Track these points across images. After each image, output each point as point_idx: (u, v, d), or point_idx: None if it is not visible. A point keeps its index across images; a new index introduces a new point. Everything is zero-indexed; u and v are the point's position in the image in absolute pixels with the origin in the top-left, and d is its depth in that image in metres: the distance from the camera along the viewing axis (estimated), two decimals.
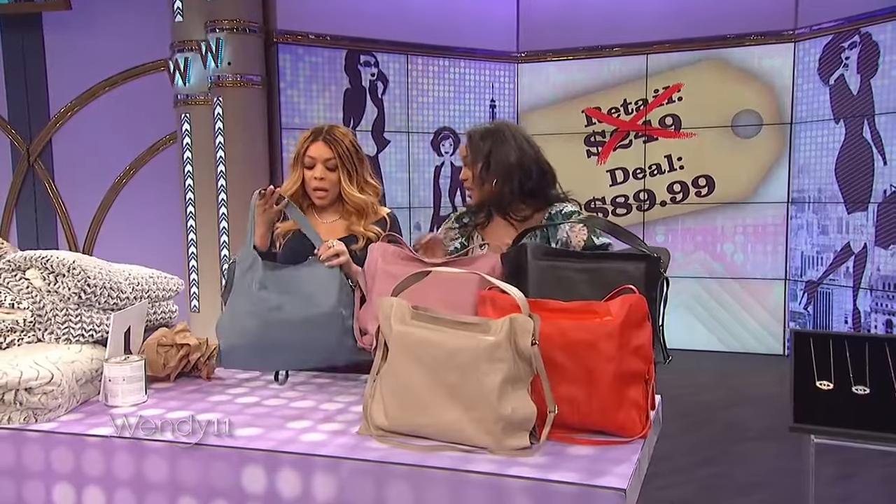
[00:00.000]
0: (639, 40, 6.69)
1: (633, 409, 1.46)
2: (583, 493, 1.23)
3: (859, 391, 1.22)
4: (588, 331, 1.46)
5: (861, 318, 6.02)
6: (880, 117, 5.82)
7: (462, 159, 2.27)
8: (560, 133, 6.81)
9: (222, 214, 5.87)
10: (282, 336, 1.89)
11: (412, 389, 1.46)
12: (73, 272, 1.84)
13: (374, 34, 6.31)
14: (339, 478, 1.38)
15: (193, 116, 6.06)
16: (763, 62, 6.48)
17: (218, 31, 5.83)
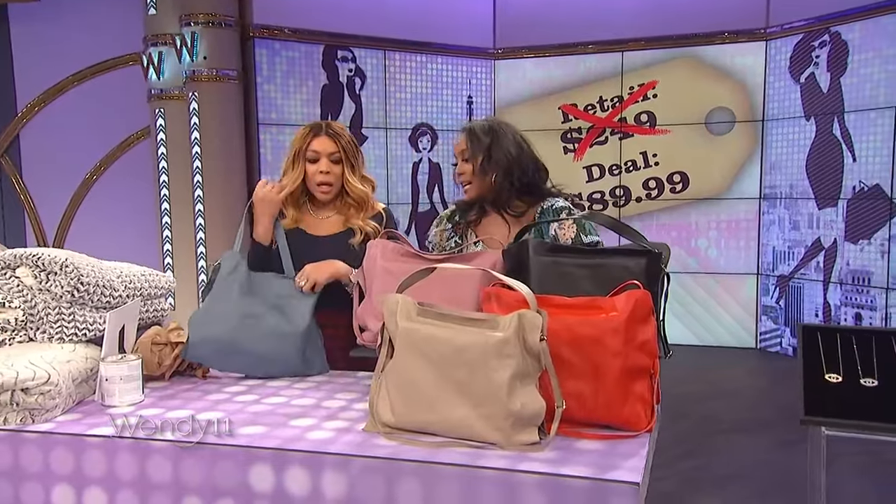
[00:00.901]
0: (614, 37, 6.75)
1: (638, 404, 1.48)
2: (596, 487, 1.25)
3: (868, 384, 1.25)
4: (594, 326, 1.48)
5: (831, 312, 6.14)
6: (849, 115, 5.94)
7: (458, 154, 2.28)
8: (536, 130, 6.81)
9: (198, 211, 5.80)
10: (251, 344, 1.94)
11: (419, 386, 1.46)
12: (65, 270, 1.80)
13: (351, 29, 6.27)
14: (349, 475, 1.37)
15: (168, 111, 5.98)
16: (735, 60, 6.57)
17: (193, 24, 5.75)
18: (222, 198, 5.79)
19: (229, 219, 5.80)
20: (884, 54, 5.69)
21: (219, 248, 5.75)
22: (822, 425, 1.19)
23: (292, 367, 1.97)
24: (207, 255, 5.78)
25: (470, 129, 2.25)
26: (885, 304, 5.79)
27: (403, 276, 1.78)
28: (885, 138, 5.73)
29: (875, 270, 5.83)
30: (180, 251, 6.00)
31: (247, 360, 1.95)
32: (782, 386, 5.81)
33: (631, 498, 1.22)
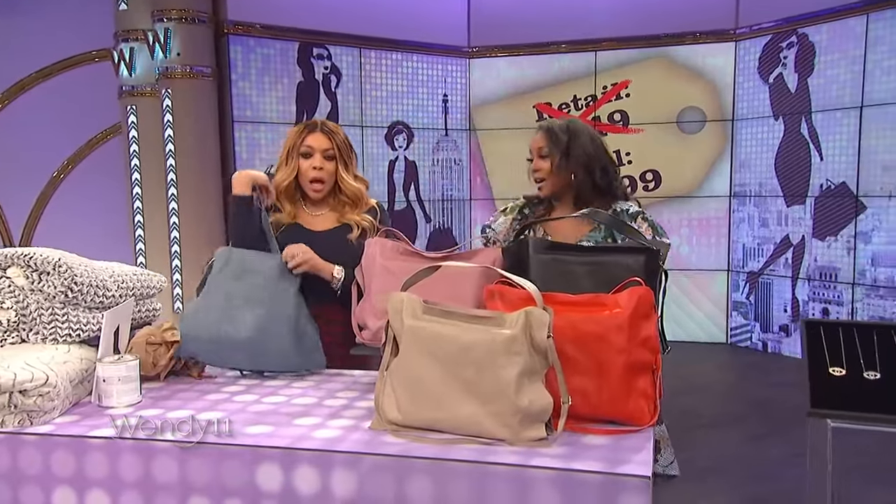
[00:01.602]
0: (587, 37, 6.81)
1: (641, 399, 1.50)
2: (608, 481, 1.26)
3: (870, 376, 1.28)
4: (598, 323, 1.49)
5: (800, 307, 6.27)
6: (816, 115, 6.07)
7: (535, 151, 2.30)
8: (511, 128, 6.87)
9: (172, 209, 5.73)
10: (237, 333, 1.93)
11: (425, 384, 1.47)
12: (59, 270, 1.77)
13: (326, 27, 6.24)
14: (359, 473, 1.37)
15: (140, 108, 5.89)
16: (706, 60, 6.68)
17: (166, 20, 5.67)
18: (197, 196, 5.73)
19: (204, 217, 5.75)
20: (849, 55, 5.83)
21: (193, 246, 5.69)
22: (828, 418, 1.22)
23: (286, 359, 1.94)
24: (182, 254, 5.71)
25: (549, 126, 2.29)
26: (851, 299, 5.93)
27: (403, 275, 1.78)
28: (850, 137, 5.86)
29: (842, 267, 5.97)
30: (153, 250, 5.92)
31: (238, 351, 1.93)
32: (752, 381, 5.93)
33: (642, 491, 1.24)
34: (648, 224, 2.22)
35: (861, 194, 5.80)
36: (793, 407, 5.14)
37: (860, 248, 5.85)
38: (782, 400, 5.35)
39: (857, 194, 5.82)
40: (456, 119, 6.96)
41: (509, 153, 6.96)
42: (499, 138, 7.00)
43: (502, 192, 6.96)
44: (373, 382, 1.86)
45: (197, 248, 5.69)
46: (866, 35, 5.76)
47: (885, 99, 5.64)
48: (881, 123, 5.68)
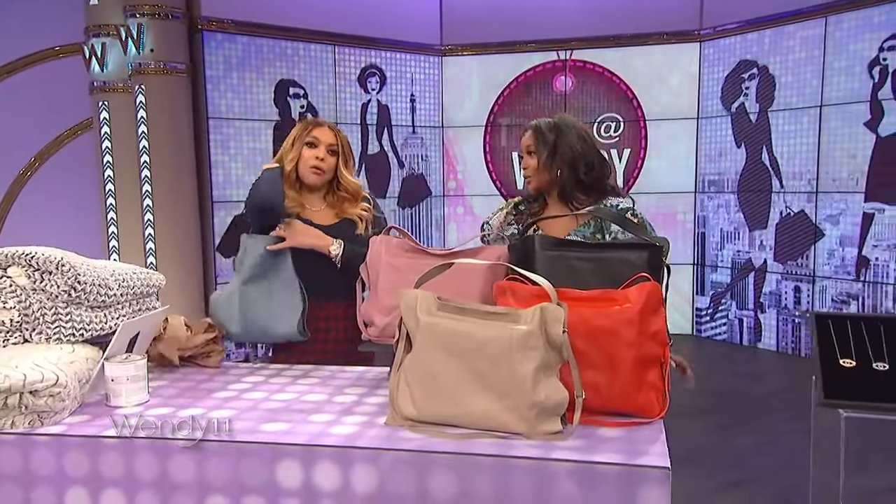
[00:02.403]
0: (555, 37, 6.84)
1: (651, 392, 1.52)
2: (628, 472, 1.28)
3: (880, 367, 1.32)
4: (609, 318, 1.51)
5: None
6: (777, 144, 6.22)
7: (524, 149, 2.32)
8: (483, 126, 6.90)
9: (146, 206, 5.62)
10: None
11: (441, 380, 1.47)
12: (62, 269, 1.73)
13: (300, 23, 6.17)
14: (380, 469, 1.37)
15: (112, 104, 5.77)
16: (672, 60, 6.75)
17: (138, 16, 5.56)
18: (172, 193, 5.63)
19: (180, 214, 5.66)
20: (806, 92, 5.98)
21: (168, 243, 5.60)
22: (840, 408, 1.26)
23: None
24: (157, 252, 5.61)
25: (537, 125, 2.29)
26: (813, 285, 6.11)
27: (409, 272, 1.79)
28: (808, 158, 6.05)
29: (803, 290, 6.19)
30: (127, 248, 5.81)
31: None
32: (717, 371, 6.04)
33: (662, 482, 1.26)
34: (638, 220, 2.23)
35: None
36: (757, 397, 5.27)
37: (819, 271, 6.05)
38: (747, 390, 5.47)
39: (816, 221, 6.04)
40: (428, 116, 6.95)
41: (480, 149, 7.03)
42: (470, 135, 7.03)
43: (473, 187, 6.99)
44: (379, 378, 1.87)
45: (171, 245, 5.60)
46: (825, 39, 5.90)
47: (846, 98, 5.81)
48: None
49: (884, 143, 5.63)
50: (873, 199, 5.71)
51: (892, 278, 5.67)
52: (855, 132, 5.78)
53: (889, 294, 5.72)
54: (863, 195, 5.75)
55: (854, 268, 5.85)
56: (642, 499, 1.27)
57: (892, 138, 5.58)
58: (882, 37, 5.56)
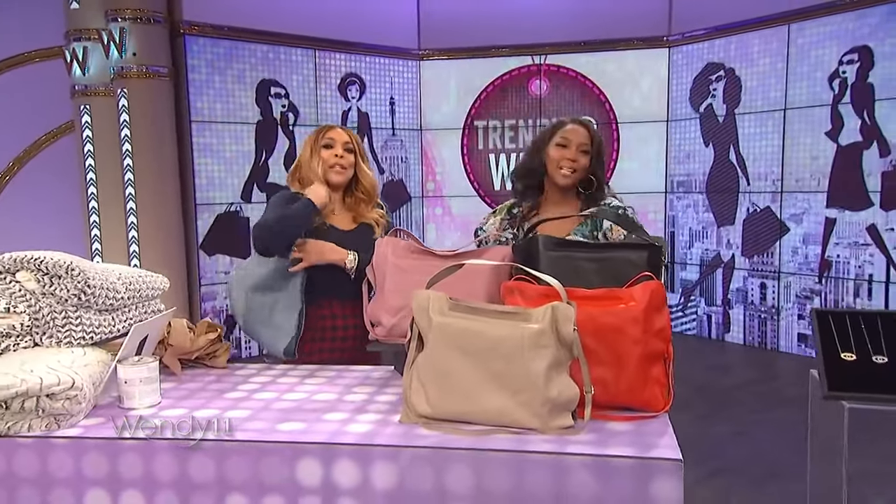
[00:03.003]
0: (529, 42, 6.88)
1: (656, 387, 1.54)
2: (642, 465, 1.30)
3: (879, 360, 1.36)
4: (615, 316, 1.53)
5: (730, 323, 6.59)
6: (744, 143, 6.34)
7: (575, 145, 2.29)
8: (460, 128, 6.92)
9: (130, 209, 5.54)
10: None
11: (455, 378, 1.47)
12: (71, 273, 1.71)
13: (281, 28, 6.13)
14: (399, 465, 1.37)
15: (94, 108, 5.67)
16: (642, 64, 6.83)
17: (120, 20, 5.48)
18: (155, 196, 5.56)
19: (163, 216, 5.60)
20: (771, 95, 6.09)
21: (152, 246, 5.53)
22: (845, 399, 1.29)
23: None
24: (141, 254, 5.53)
25: (588, 122, 2.34)
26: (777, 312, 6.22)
27: (415, 273, 1.79)
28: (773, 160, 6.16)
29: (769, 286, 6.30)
30: (111, 251, 5.71)
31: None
32: (691, 365, 6.13)
33: (675, 473, 1.29)
34: (631, 219, 2.28)
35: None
36: (729, 388, 5.36)
37: (784, 267, 6.18)
38: (719, 382, 5.56)
39: (781, 218, 6.15)
40: (407, 119, 6.94)
41: (458, 151, 7.04)
42: (448, 137, 7.04)
43: (452, 188, 7.00)
44: (385, 377, 1.87)
45: (155, 247, 5.53)
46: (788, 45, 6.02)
47: (809, 101, 5.93)
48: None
49: (844, 151, 5.77)
50: (835, 205, 5.85)
51: (853, 274, 5.80)
52: (817, 135, 5.90)
53: (850, 290, 5.85)
54: (825, 194, 5.87)
55: (817, 265, 5.98)
56: (656, 490, 1.29)
57: (852, 147, 5.71)
58: (841, 49, 5.69)
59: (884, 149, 5.54)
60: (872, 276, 5.67)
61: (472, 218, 6.98)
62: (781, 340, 6.28)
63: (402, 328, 1.78)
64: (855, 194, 5.71)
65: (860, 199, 5.69)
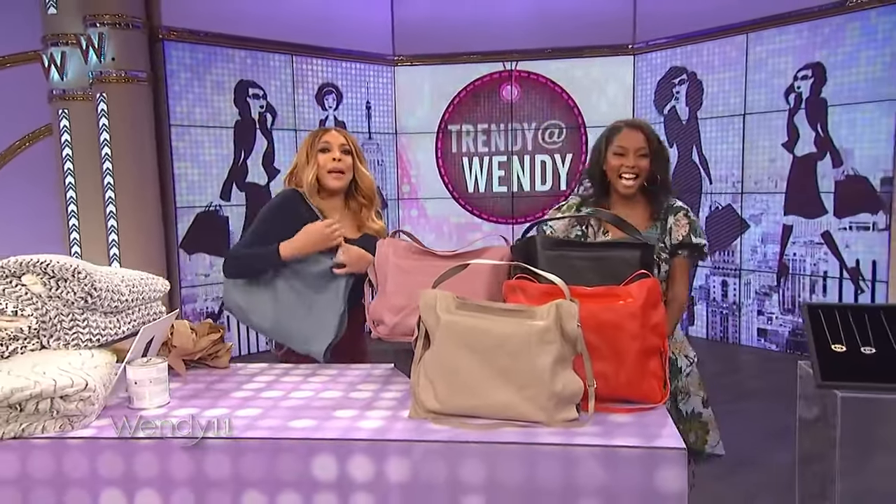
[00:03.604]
0: (499, 49, 6.92)
1: (653, 380, 1.57)
2: (648, 454, 1.32)
3: (867, 351, 1.40)
4: (614, 312, 1.56)
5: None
6: (706, 144, 6.45)
7: (632, 150, 2.29)
8: (434, 132, 6.93)
9: (110, 212, 5.44)
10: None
11: (463, 374, 1.48)
12: (78, 277, 1.68)
13: (259, 34, 6.08)
14: (412, 460, 1.38)
15: (73, 112, 5.57)
16: (607, 71, 6.91)
17: (99, 25, 5.38)
18: (135, 201, 5.47)
19: (143, 220, 5.51)
20: (731, 101, 6.22)
21: (132, 250, 5.43)
22: (837, 388, 1.33)
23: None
24: (121, 258, 5.43)
25: (643, 125, 2.34)
26: (738, 307, 6.35)
27: (416, 273, 1.80)
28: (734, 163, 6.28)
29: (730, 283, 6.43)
30: (90, 254, 5.61)
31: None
32: None
33: (679, 461, 1.31)
34: (688, 220, 2.34)
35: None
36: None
37: (745, 263, 6.31)
38: None
39: (742, 215, 6.28)
40: (383, 123, 6.93)
41: (432, 154, 7.05)
42: (422, 140, 7.05)
43: (427, 190, 7.01)
44: (386, 375, 1.88)
45: (135, 251, 5.44)
46: (746, 53, 6.15)
47: (766, 107, 6.07)
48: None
49: (800, 162, 5.93)
50: (791, 213, 6.00)
51: (808, 271, 5.95)
52: (774, 140, 6.04)
53: (806, 286, 6.00)
54: (783, 195, 6.01)
55: (776, 264, 6.11)
56: (661, 478, 1.31)
57: (807, 158, 5.87)
58: (796, 64, 5.83)
59: (836, 159, 5.70)
60: (827, 272, 5.82)
61: (446, 219, 7.00)
62: (742, 335, 6.41)
63: (405, 327, 1.79)
64: (810, 202, 5.87)
65: (815, 207, 5.85)
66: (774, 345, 6.19)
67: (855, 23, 5.47)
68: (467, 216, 7.06)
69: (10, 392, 1.40)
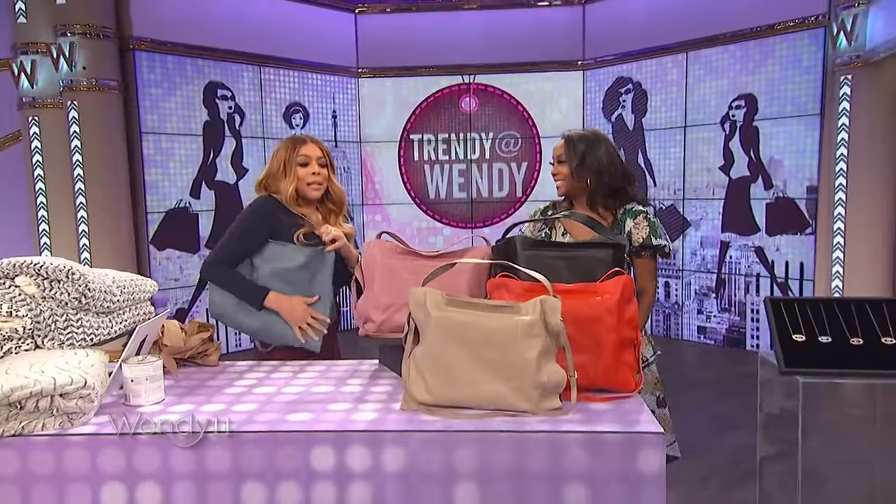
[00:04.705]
0: (459, 63, 6.96)
1: (628, 370, 1.60)
2: (630, 438, 1.35)
3: (824, 340, 1.45)
4: (592, 307, 1.58)
5: None
6: (650, 148, 6.60)
7: (555, 157, 2.37)
8: (397, 141, 6.92)
9: (81, 217, 5.28)
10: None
11: (453, 367, 1.49)
12: (72, 277, 1.63)
13: (227, 45, 5.98)
14: (408, 449, 1.38)
15: (43, 120, 5.38)
16: (559, 85, 7.01)
17: (69, 34, 5.22)
18: (107, 208, 5.32)
19: (113, 227, 5.37)
20: (671, 102, 6.38)
21: (102, 255, 5.28)
22: (799, 375, 1.38)
23: None
24: (92, 264, 5.27)
25: (568, 136, 2.36)
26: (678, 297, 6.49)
27: (402, 272, 1.80)
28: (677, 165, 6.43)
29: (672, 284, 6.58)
30: None
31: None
32: None
33: (659, 445, 1.34)
34: (648, 223, 2.33)
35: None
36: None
37: (687, 259, 6.46)
38: None
39: (684, 214, 6.42)
40: (348, 132, 6.89)
41: (394, 162, 7.04)
42: (385, 149, 7.03)
43: (390, 196, 6.99)
44: (372, 370, 1.87)
45: (106, 257, 5.28)
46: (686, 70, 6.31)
47: (705, 120, 6.23)
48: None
49: (735, 184, 6.12)
50: (728, 230, 6.19)
51: (743, 272, 6.13)
52: (710, 150, 6.21)
53: (741, 286, 6.18)
54: (721, 202, 6.18)
55: (714, 266, 6.28)
56: (642, 460, 1.34)
57: (741, 181, 6.07)
58: (731, 91, 6.01)
59: (767, 182, 5.90)
60: (759, 273, 6.01)
61: (409, 224, 6.99)
62: (684, 332, 6.56)
63: (392, 324, 1.78)
64: (744, 222, 6.07)
65: (749, 225, 6.05)
66: (713, 341, 6.36)
67: (783, 44, 5.66)
68: (429, 221, 7.06)
69: (10, 391, 1.35)
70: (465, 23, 6.90)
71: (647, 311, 2.35)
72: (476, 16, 6.89)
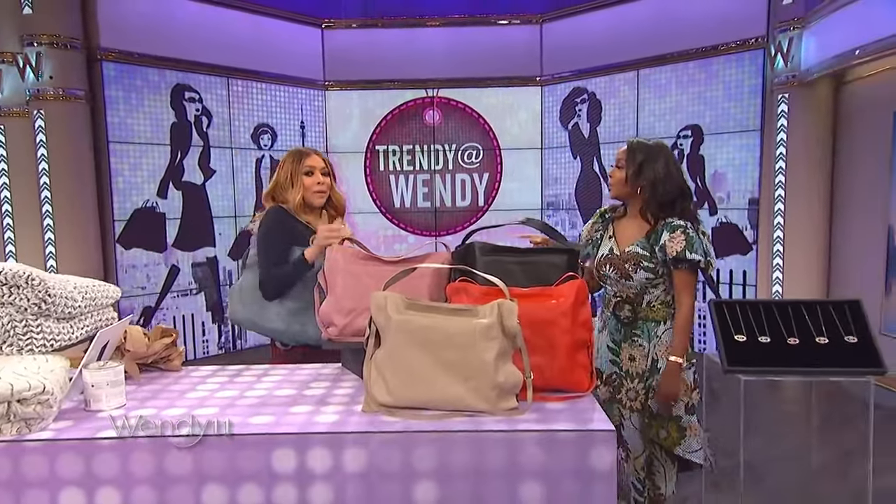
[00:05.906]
0: (423, 77, 6.95)
1: (582, 370, 1.60)
2: (584, 436, 1.35)
3: (763, 340, 1.47)
4: (548, 310, 1.58)
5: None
6: (605, 156, 6.67)
7: (616, 161, 2.35)
8: (363, 152, 6.88)
9: (47, 225, 5.11)
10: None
11: (414, 369, 1.47)
12: (31, 283, 1.57)
13: (196, 58, 5.87)
14: (368, 450, 1.35)
15: (8, 129, 5.20)
16: (519, 99, 7.04)
17: (36, 44, 5.06)
18: (73, 218, 5.15)
19: (81, 238, 5.20)
20: (624, 117, 6.48)
21: (70, 263, 5.11)
22: (741, 373, 1.39)
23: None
24: (58, 273, 5.10)
25: (631, 144, 2.32)
26: None
27: (364, 277, 1.78)
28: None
29: None
30: None
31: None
32: None
33: (610, 442, 1.34)
34: (685, 237, 2.20)
35: None
36: None
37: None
38: None
39: None
40: (315, 142, 6.82)
41: (359, 172, 6.99)
42: (353, 159, 6.98)
43: (357, 205, 6.93)
44: (335, 374, 1.84)
45: (72, 265, 5.11)
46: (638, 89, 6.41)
47: (653, 136, 6.32)
48: None
49: None
50: None
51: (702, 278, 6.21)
52: None
53: (700, 290, 6.28)
54: None
55: None
56: (594, 456, 1.34)
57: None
58: (679, 121, 6.09)
59: (713, 208, 6.01)
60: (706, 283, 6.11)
61: (375, 232, 6.94)
62: None
63: (354, 328, 1.76)
64: None
65: None
66: None
67: (726, 64, 5.79)
68: (394, 229, 7.02)
69: None
70: (428, 39, 6.90)
71: (685, 324, 2.17)
72: (439, 32, 6.90)
